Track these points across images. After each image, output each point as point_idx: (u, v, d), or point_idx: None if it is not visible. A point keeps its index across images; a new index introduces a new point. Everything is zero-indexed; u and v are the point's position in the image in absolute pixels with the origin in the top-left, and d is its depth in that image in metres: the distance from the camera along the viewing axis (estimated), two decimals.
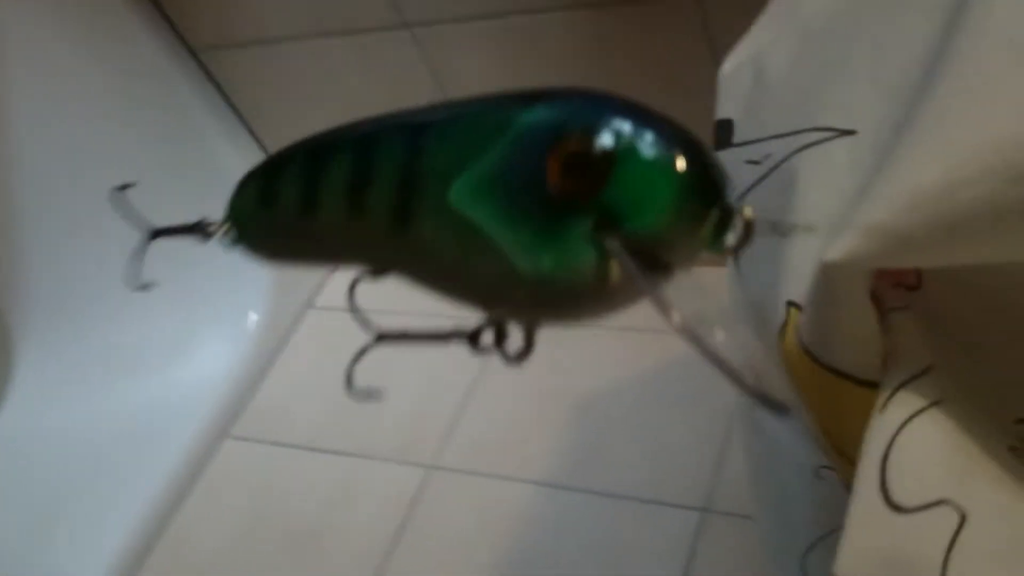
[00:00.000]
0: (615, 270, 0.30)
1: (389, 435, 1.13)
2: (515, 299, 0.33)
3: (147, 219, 0.43)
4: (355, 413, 1.17)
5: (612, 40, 1.01)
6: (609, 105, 0.31)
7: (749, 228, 0.30)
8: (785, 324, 0.41)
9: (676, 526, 0.93)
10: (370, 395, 0.39)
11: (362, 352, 0.37)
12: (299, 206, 0.38)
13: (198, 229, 0.42)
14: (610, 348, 1.09)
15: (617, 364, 1.08)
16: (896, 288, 0.40)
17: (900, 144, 0.34)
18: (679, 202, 0.30)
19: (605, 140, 0.30)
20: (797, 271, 0.39)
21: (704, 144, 0.30)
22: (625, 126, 0.30)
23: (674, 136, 0.30)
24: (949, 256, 0.34)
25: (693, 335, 0.29)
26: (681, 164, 0.29)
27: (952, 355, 0.39)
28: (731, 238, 0.30)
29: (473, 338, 0.35)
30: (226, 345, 1.26)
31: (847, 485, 0.44)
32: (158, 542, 1.14)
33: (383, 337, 0.37)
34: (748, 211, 0.30)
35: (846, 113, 0.39)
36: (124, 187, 0.45)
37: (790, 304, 0.41)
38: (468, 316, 0.35)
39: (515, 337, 0.34)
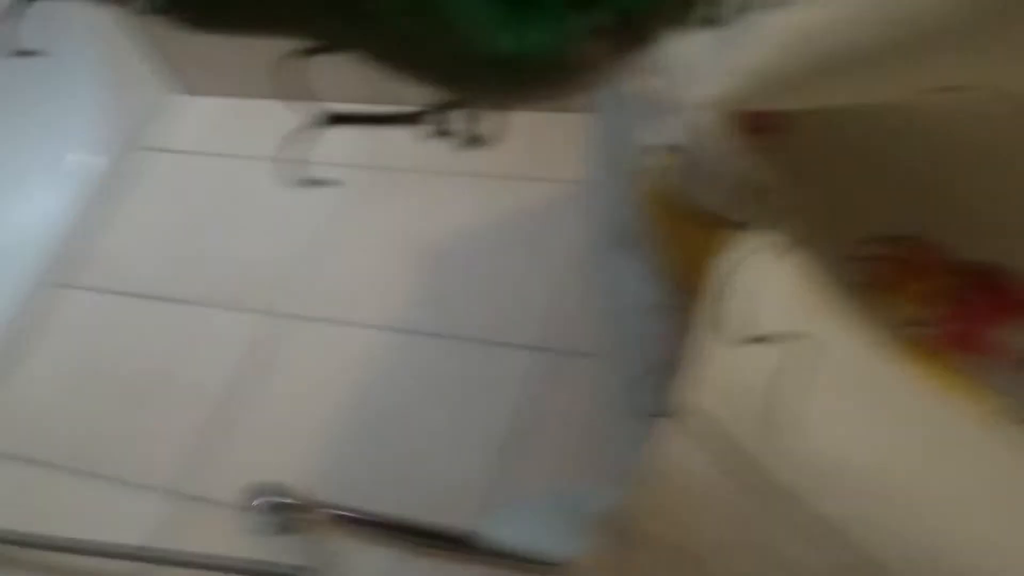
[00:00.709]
0: (598, 44, 0.26)
1: (230, 282, 1.11)
2: (481, 78, 0.29)
3: None
4: (196, 261, 1.14)
5: None
6: None
7: None
8: (646, 165, 0.41)
9: (512, 365, 0.96)
10: (313, 182, 0.34)
11: (307, 130, 0.32)
12: None
13: None
14: (457, 194, 1.09)
15: (464, 211, 1.08)
16: (760, 130, 0.41)
17: None
18: None
19: None
20: (662, 111, 0.39)
21: None
22: None
23: None
24: (821, 96, 0.34)
25: (679, 112, 0.26)
26: None
27: (803, 192, 0.40)
28: (724, 8, 0.27)
29: (417, 119, 0.31)
30: (56, 190, 1.18)
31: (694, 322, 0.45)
32: None
33: (334, 119, 0.32)
34: None
35: None
36: None
37: (652, 146, 0.41)
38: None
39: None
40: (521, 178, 1.07)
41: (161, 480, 0.98)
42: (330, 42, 0.31)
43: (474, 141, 0.31)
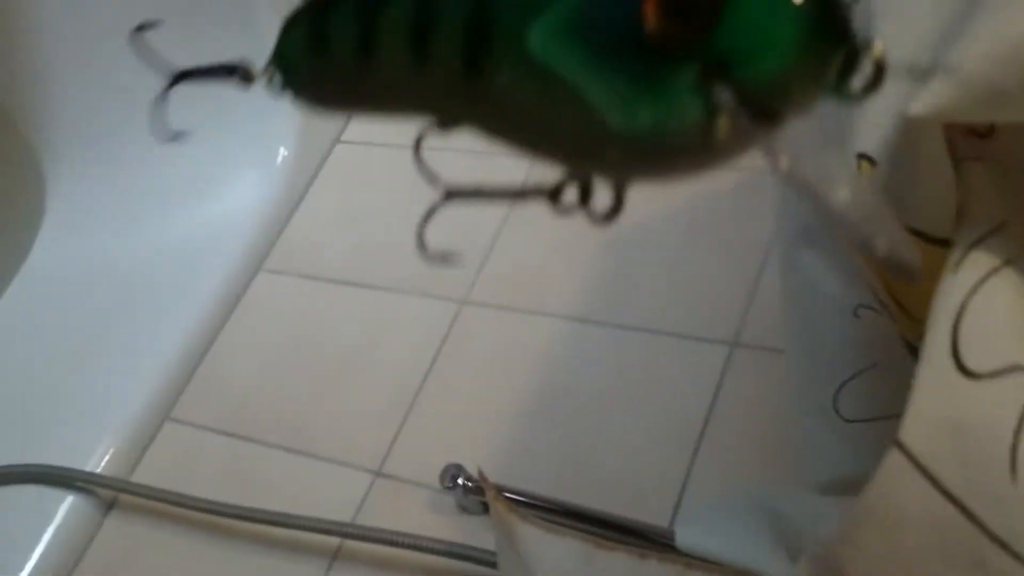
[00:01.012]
0: (724, 124, 0.26)
1: (420, 270, 1.14)
2: (605, 157, 0.29)
3: (169, 62, 0.38)
4: (386, 248, 1.18)
5: None
6: None
7: (880, 70, 0.26)
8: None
9: (704, 360, 0.95)
10: (445, 258, 0.35)
11: (431, 212, 0.34)
12: (354, 52, 0.33)
13: (235, 72, 0.37)
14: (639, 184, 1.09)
15: (648, 198, 1.07)
16: (968, 137, 0.39)
17: None
18: (802, 43, 0.25)
19: None
20: (870, 121, 0.38)
21: (840, 19, 0.26)
22: None
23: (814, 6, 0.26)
24: None
25: (814, 192, 0.26)
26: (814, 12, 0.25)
27: (1016, 205, 0.38)
28: (857, 82, 0.26)
29: (554, 195, 0.32)
30: (256, 179, 1.25)
31: (907, 341, 0.44)
32: (194, 374, 1.17)
33: (453, 194, 0.34)
34: (879, 49, 0.26)
35: None
36: (143, 27, 0.39)
37: (861, 157, 0.40)
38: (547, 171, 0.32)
39: (600, 193, 0.31)
40: None
41: (358, 458, 1.03)
42: (457, 121, 0.32)
43: (606, 217, 0.31)
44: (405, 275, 1.15)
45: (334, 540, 0.96)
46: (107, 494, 1.09)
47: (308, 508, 0.97)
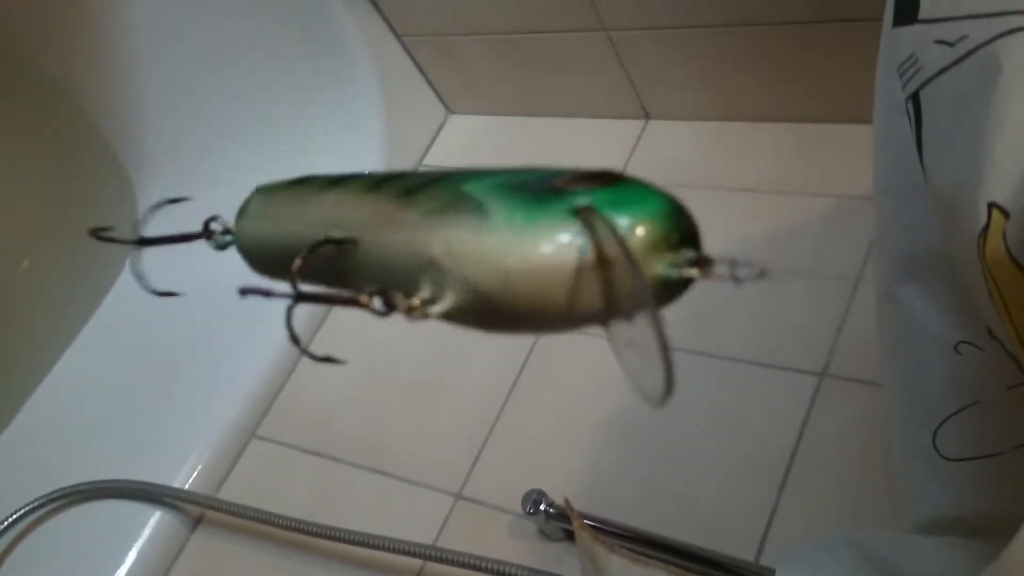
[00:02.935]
0: (588, 248, 0.32)
1: None
2: (476, 253, 0.34)
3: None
4: None
5: None
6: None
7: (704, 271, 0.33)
8: (987, 227, 0.39)
9: (792, 390, 0.93)
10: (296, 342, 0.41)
11: (290, 310, 0.40)
12: (324, 184, 0.43)
13: (202, 235, 0.48)
14: (727, 209, 1.08)
15: (735, 227, 1.06)
16: None
17: None
18: (658, 226, 0.33)
19: (619, 174, 0.34)
20: (1002, 170, 0.38)
21: (694, 220, 0.34)
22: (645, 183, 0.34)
23: (676, 204, 0.34)
24: None
25: (657, 319, 0.30)
26: (675, 205, 0.34)
27: None
28: (688, 273, 0.33)
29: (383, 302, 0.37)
30: None
31: None
32: (279, 393, 1.19)
33: (302, 297, 0.40)
34: (713, 266, 0.33)
35: None
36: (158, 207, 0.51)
37: (992, 206, 0.39)
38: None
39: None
40: (799, 193, 1.05)
41: (440, 480, 1.03)
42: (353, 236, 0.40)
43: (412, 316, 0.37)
44: None
45: (416, 562, 0.97)
46: (194, 510, 1.11)
47: (390, 528, 0.97)
